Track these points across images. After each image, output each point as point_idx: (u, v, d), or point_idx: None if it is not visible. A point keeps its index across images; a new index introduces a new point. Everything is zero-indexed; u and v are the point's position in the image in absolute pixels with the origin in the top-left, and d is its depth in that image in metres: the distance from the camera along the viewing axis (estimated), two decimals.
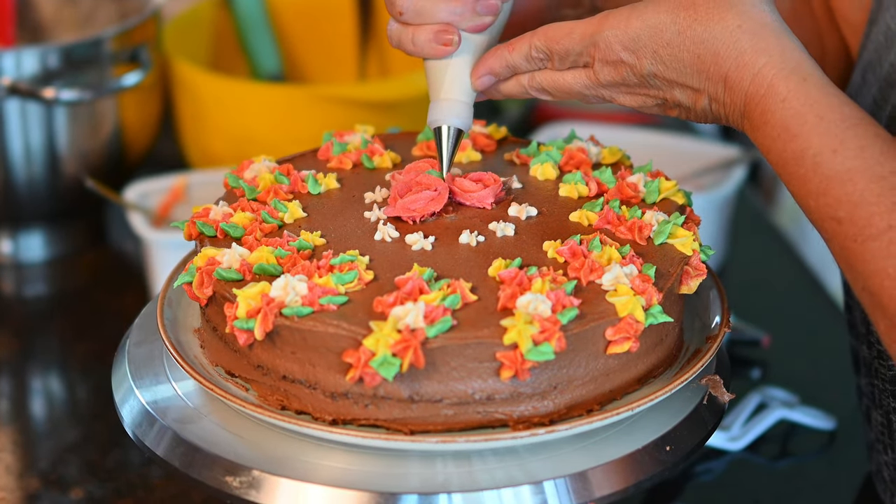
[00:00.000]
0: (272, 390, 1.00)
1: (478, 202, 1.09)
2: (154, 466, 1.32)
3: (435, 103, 1.09)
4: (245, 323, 0.98)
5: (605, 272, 1.00)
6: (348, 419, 0.98)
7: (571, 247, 1.02)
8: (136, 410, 1.05)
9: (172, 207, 1.63)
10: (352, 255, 1.02)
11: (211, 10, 1.91)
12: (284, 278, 0.98)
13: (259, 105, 1.73)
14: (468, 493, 0.96)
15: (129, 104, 1.70)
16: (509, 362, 0.95)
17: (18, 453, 1.40)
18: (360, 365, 0.95)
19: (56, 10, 1.87)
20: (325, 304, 0.97)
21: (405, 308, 0.96)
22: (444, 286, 0.98)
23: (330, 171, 1.15)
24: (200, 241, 1.07)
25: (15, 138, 1.63)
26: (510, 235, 1.06)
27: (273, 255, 1.02)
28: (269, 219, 1.07)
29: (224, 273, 1.01)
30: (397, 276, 0.99)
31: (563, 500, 0.97)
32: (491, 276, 1.00)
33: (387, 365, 0.94)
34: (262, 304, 0.97)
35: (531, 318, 0.95)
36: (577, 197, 1.11)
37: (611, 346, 0.98)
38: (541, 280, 0.98)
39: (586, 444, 0.99)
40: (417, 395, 0.97)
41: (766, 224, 1.81)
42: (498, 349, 0.95)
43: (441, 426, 0.97)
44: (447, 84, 1.09)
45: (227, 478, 0.98)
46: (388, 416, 0.97)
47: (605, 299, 0.98)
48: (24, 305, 1.67)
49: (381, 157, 1.16)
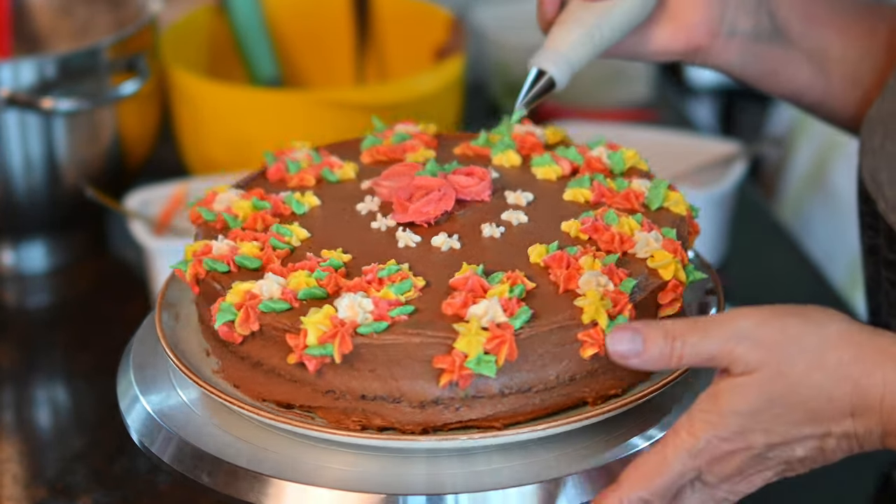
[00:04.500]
0: (347, 413, 0.98)
1: (477, 195, 1.10)
2: (161, 473, 1.32)
3: (543, 49, 1.13)
4: (320, 349, 0.95)
5: (634, 242, 1.03)
6: (438, 426, 0.98)
7: (593, 223, 1.05)
8: (142, 418, 1.05)
9: (173, 215, 1.63)
10: (395, 266, 1.01)
11: (208, 17, 1.91)
12: (348, 297, 0.97)
13: (258, 111, 1.73)
14: (474, 494, 0.96)
15: (127, 113, 1.70)
16: (592, 340, 0.97)
17: (25, 463, 1.40)
18: (457, 368, 0.95)
19: (52, 21, 1.87)
20: (395, 317, 0.97)
21: (482, 306, 0.96)
22: (503, 279, 0.99)
23: (296, 189, 1.13)
24: (213, 279, 1.03)
25: (14, 149, 1.63)
26: (525, 222, 1.08)
27: (313, 279, 1.00)
28: (279, 244, 1.05)
29: (272, 305, 0.98)
30: (450, 278, 1.00)
31: (572, 500, 0.97)
32: (535, 263, 1.02)
33: (484, 363, 0.95)
34: (336, 327, 0.95)
35: (602, 294, 0.97)
36: (555, 178, 1.13)
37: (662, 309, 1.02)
38: (590, 257, 1.01)
39: (590, 442, 1.00)
40: (508, 388, 0.97)
41: (767, 219, 1.81)
42: (578, 330, 0.97)
43: (530, 415, 0.98)
44: (553, 36, 1.13)
45: (234, 482, 0.98)
46: (480, 413, 0.97)
47: (647, 264, 1.02)
48: (27, 316, 1.67)
49: (342, 168, 1.15)
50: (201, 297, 1.05)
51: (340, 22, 1.96)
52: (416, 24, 1.91)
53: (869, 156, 1.14)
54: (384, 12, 1.94)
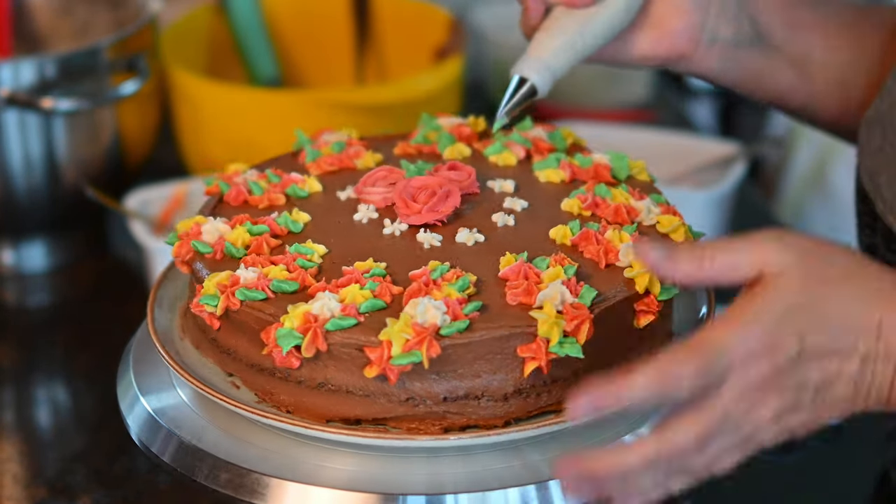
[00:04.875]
0: (425, 419, 0.98)
1: (468, 189, 1.11)
2: (161, 473, 1.32)
3: (525, 56, 1.14)
4: (406, 357, 0.94)
5: (638, 212, 1.08)
6: (521, 416, 0.98)
7: (593, 199, 1.08)
8: (142, 418, 1.05)
9: (173, 214, 1.63)
10: (445, 266, 1.01)
11: (207, 16, 1.91)
12: (424, 301, 0.97)
13: (257, 111, 1.73)
14: (474, 494, 0.96)
15: (127, 112, 1.70)
16: (647, 308, 1.01)
17: (25, 463, 1.40)
18: (543, 354, 0.96)
19: (52, 20, 1.87)
20: (469, 314, 0.97)
21: (549, 290, 0.98)
22: (550, 262, 1.01)
23: (271, 210, 1.10)
24: (251, 308, 1.00)
25: (14, 149, 1.63)
26: (527, 207, 1.10)
27: (368, 291, 0.99)
28: (307, 263, 1.03)
29: (340, 322, 0.97)
30: (490, 270, 1.01)
31: (571, 499, 0.97)
32: (562, 243, 1.05)
33: (567, 345, 0.96)
34: (419, 334, 0.95)
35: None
36: (514, 163, 1.16)
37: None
38: (613, 231, 1.04)
39: (591, 442, 1.00)
40: (580, 366, 0.98)
41: (767, 219, 1.81)
42: (636, 299, 1.00)
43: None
44: (536, 43, 1.14)
45: (234, 482, 0.98)
46: (559, 397, 0.98)
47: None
48: (27, 315, 1.67)
49: (306, 182, 1.13)
50: (235, 329, 1.02)
51: (340, 22, 1.96)
52: (415, 24, 1.91)
53: (867, 157, 1.14)
54: (384, 12, 1.94)
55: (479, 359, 0.97)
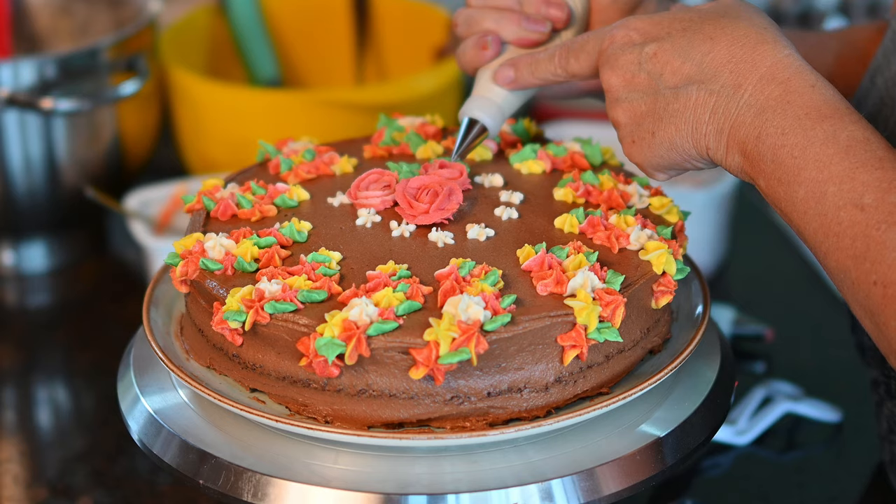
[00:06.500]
0: (468, 416, 0.99)
1: (462, 186, 1.11)
2: (161, 473, 1.32)
3: (473, 96, 1.15)
4: (454, 356, 0.95)
5: (630, 194, 1.10)
6: (560, 405, 1.00)
7: (586, 188, 1.10)
8: (143, 418, 1.05)
9: (173, 215, 1.63)
10: (471, 262, 1.02)
11: (207, 17, 1.91)
12: (465, 298, 0.97)
13: (257, 111, 1.73)
14: (476, 493, 0.96)
15: (127, 113, 1.70)
16: (666, 288, 1.03)
17: (25, 463, 1.40)
18: (584, 341, 0.98)
19: (52, 21, 1.87)
20: (507, 307, 0.98)
21: (578, 277, 0.99)
22: (570, 251, 1.02)
23: (257, 224, 1.09)
24: (284, 321, 0.99)
25: (14, 149, 1.63)
26: (523, 199, 1.11)
27: (401, 293, 0.99)
28: (328, 271, 1.02)
29: (382, 327, 0.96)
30: (512, 263, 1.03)
31: (571, 499, 0.97)
32: (570, 231, 1.06)
33: (605, 331, 0.98)
34: (465, 331, 0.95)
35: (658, 245, 1.04)
36: (490, 158, 1.17)
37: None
38: (618, 216, 1.06)
39: (592, 442, 1.00)
40: (611, 350, 1.01)
41: (766, 218, 1.81)
42: (654, 280, 1.03)
43: (620, 376, 1.03)
44: (482, 84, 1.14)
45: (235, 482, 0.99)
46: (595, 382, 1.01)
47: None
48: (27, 316, 1.67)
49: (290, 192, 1.12)
50: (261, 344, 1.01)
51: (340, 22, 1.96)
52: (415, 24, 1.91)
53: None
54: (383, 12, 1.94)
55: (522, 351, 0.98)
